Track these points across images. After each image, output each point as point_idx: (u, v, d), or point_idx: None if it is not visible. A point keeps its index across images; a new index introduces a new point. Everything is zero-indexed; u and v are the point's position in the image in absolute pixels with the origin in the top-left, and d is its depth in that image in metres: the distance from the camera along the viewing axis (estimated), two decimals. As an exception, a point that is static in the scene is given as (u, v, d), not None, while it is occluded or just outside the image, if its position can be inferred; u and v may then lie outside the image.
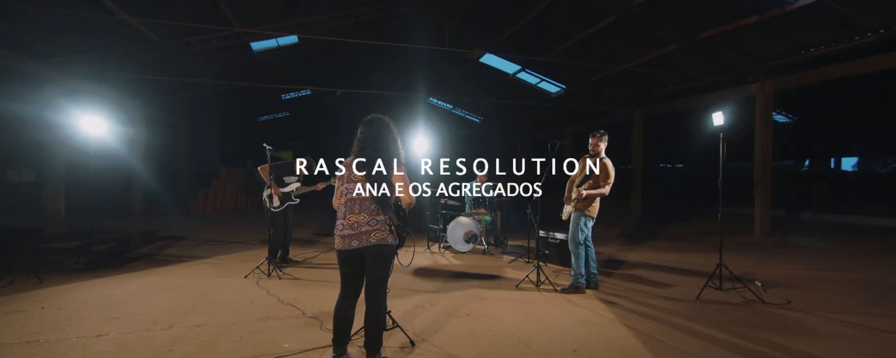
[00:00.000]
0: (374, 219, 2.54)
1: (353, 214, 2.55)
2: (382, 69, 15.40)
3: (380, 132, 2.68)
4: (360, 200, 2.56)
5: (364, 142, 2.64)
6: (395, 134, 2.73)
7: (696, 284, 4.87)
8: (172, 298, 4.19)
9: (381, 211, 2.55)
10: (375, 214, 2.55)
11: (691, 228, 10.54)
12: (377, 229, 2.51)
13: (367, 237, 2.50)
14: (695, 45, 8.28)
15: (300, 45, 12.43)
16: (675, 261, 6.28)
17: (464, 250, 6.65)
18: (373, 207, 2.54)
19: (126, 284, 4.67)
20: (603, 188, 4.46)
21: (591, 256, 4.67)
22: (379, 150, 2.62)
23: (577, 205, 4.57)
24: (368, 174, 2.56)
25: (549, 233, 6.03)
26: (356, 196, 2.57)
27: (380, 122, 2.73)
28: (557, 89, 13.53)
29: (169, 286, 4.61)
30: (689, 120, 17.04)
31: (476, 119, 20.72)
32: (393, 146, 2.68)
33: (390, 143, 2.68)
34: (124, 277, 4.94)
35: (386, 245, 2.53)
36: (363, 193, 2.56)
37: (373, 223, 2.53)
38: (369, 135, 2.66)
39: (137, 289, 4.48)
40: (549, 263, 5.95)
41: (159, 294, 4.31)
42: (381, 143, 2.64)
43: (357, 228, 2.52)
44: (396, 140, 2.72)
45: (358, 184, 2.58)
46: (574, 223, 4.57)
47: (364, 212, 2.54)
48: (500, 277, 5.24)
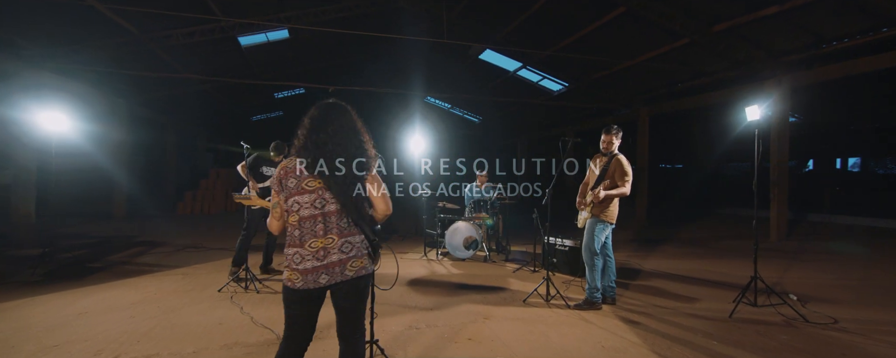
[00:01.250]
0: (348, 241, 1.88)
1: (316, 238, 1.85)
2: (378, 66, 14.87)
3: (343, 123, 1.98)
4: (325, 217, 1.87)
5: (318, 136, 1.93)
6: (361, 127, 2.06)
7: (724, 296, 4.36)
8: (128, 318, 3.64)
9: (355, 229, 1.91)
10: (349, 234, 1.89)
11: (701, 232, 10.05)
12: (353, 256, 1.87)
13: (340, 269, 1.84)
14: (708, 39, 7.79)
15: (292, 41, 11.89)
16: (695, 269, 5.77)
17: (463, 257, 6.12)
18: (344, 224, 1.89)
19: (80, 300, 4.11)
20: (622, 188, 3.95)
21: (610, 267, 4.15)
22: (344, 148, 1.94)
23: (592, 210, 4.06)
24: (333, 178, 1.89)
25: (558, 239, 5.51)
26: (319, 212, 1.87)
27: (341, 110, 2.01)
28: (559, 87, 13.03)
29: (129, 303, 4.05)
30: (693, 119, 16.64)
31: (475, 118, 20.21)
32: (362, 143, 2.01)
33: (358, 139, 2.00)
34: (81, 292, 4.38)
35: (366, 275, 1.93)
36: (330, 205, 1.88)
37: (347, 248, 1.87)
38: (328, 127, 1.94)
39: (91, 306, 3.92)
40: (558, 272, 5.42)
41: (115, 313, 3.75)
42: (346, 137, 1.95)
43: (325, 257, 1.84)
44: (365, 135, 2.05)
45: (315, 194, 1.89)
46: (589, 230, 4.05)
47: (332, 232, 1.86)
48: (505, 289, 4.71)
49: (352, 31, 8.93)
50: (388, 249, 6.81)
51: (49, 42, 8.18)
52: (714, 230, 10.42)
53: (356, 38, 12.23)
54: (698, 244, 8.18)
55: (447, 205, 6.60)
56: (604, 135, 4.13)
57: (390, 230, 9.51)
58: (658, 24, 7.76)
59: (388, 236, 8.68)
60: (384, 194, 2.02)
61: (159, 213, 12.93)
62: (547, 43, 10.01)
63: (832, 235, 9.28)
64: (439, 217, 6.56)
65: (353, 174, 1.93)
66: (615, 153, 4.10)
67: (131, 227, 9.87)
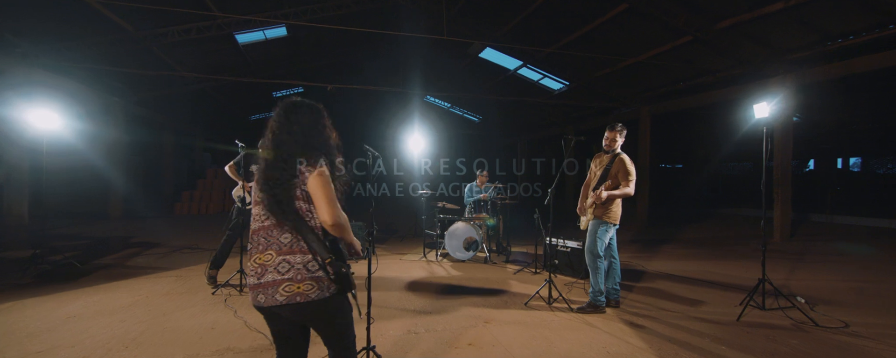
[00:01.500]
0: (285, 260, 1.63)
1: (258, 252, 1.67)
2: (377, 65, 14.76)
3: (314, 123, 1.78)
4: (266, 231, 1.68)
5: (284, 137, 1.73)
6: (331, 129, 1.85)
7: (730, 299, 4.26)
8: (118, 322, 3.52)
9: (300, 246, 1.65)
10: (289, 252, 1.64)
11: (703, 232, 9.95)
12: (288, 278, 1.61)
13: (272, 291, 1.61)
14: (711, 36, 7.68)
15: (290, 39, 11.77)
16: (699, 271, 5.66)
17: (463, 259, 6.02)
18: (285, 240, 1.65)
19: (70, 303, 4.00)
20: (625, 188, 3.85)
21: (615, 269, 4.04)
22: (305, 149, 1.73)
23: (594, 211, 3.95)
24: (272, 183, 1.67)
25: (559, 240, 5.40)
26: (261, 225, 1.70)
27: (310, 109, 1.80)
28: (560, 86, 12.91)
29: (120, 306, 3.94)
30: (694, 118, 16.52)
31: (475, 118, 20.09)
32: (327, 142, 1.81)
33: (324, 138, 1.79)
34: (71, 295, 4.26)
35: (307, 304, 1.62)
36: (264, 216, 1.69)
37: (283, 268, 1.62)
38: (292, 127, 1.73)
39: (81, 310, 3.80)
40: (560, 274, 5.31)
41: (105, 317, 3.64)
42: (315, 138, 1.76)
43: (261, 274, 1.64)
44: (332, 133, 1.84)
45: (262, 205, 1.73)
46: (591, 232, 3.94)
47: (271, 248, 1.65)
48: (506, 291, 4.60)
49: (350, 28, 8.80)
50: (386, 251, 6.70)
51: (42, 38, 8.06)
52: (715, 230, 10.32)
53: (355, 36, 12.14)
54: (701, 245, 8.08)
55: (446, 205, 6.49)
56: (607, 132, 4.02)
57: (390, 231, 9.40)
58: (661, 21, 7.66)
59: (389, 237, 8.57)
60: (328, 197, 1.63)
61: (156, 213, 12.81)
62: (548, 41, 9.90)
63: (836, 236, 9.18)
64: (439, 217, 6.45)
65: (289, 174, 1.66)
66: (618, 152, 3.99)
67: (127, 227, 9.75)
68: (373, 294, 4.43)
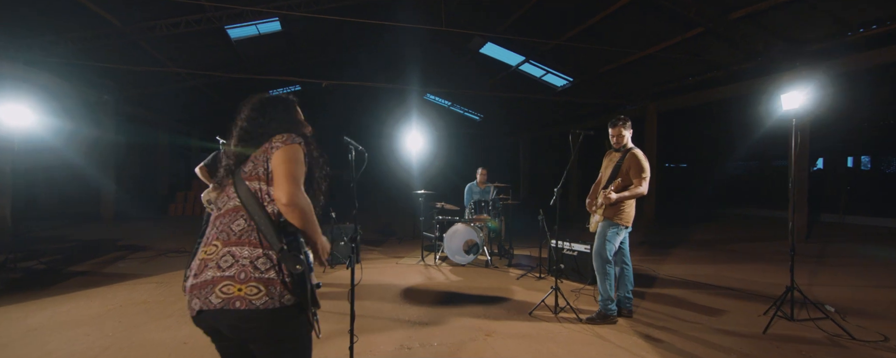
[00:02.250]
0: (230, 252, 1.33)
1: (205, 245, 1.41)
2: (375, 62, 14.42)
3: (289, 116, 1.63)
4: (218, 219, 1.42)
5: (258, 131, 1.53)
6: (305, 123, 1.68)
7: (752, 308, 3.92)
8: (83, 335, 3.20)
9: (251, 237, 1.34)
10: (237, 243, 1.34)
11: (713, 234, 9.59)
12: (228, 276, 1.29)
13: (207, 292, 1.28)
14: (724, 28, 7.33)
15: (285, 34, 11.44)
16: (715, 276, 5.31)
17: (463, 263, 5.68)
18: (237, 227, 1.36)
19: (34, 314, 3.68)
20: (637, 187, 3.51)
21: (627, 276, 3.71)
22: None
23: (604, 211, 3.61)
24: (230, 165, 1.50)
25: (565, 243, 5.06)
26: (217, 213, 1.45)
27: (284, 102, 1.65)
28: (564, 82, 12.56)
29: (89, 316, 3.62)
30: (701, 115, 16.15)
31: (476, 116, 19.74)
32: (307, 136, 1.59)
33: (303, 133, 1.59)
34: (38, 304, 3.95)
35: (248, 313, 1.27)
36: (231, 200, 1.44)
37: (225, 262, 1.31)
38: (268, 122, 1.54)
39: (44, 322, 3.48)
40: (566, 279, 4.98)
41: (69, 330, 3.31)
42: (293, 129, 1.56)
43: (200, 271, 1.33)
44: (309, 131, 1.66)
45: (224, 192, 1.52)
46: (601, 234, 3.60)
47: (219, 238, 1.37)
48: (508, 299, 4.27)
49: (344, 18, 8.46)
50: (382, 255, 6.35)
51: (23, 33, 7.75)
52: (726, 232, 9.97)
53: (351, 30, 11.81)
54: (713, 247, 7.72)
55: (446, 205, 6.15)
56: (611, 129, 3.69)
57: (388, 232, 9.07)
58: (671, 12, 7.31)
59: (386, 239, 8.23)
60: (290, 173, 1.36)
61: (149, 214, 12.51)
62: (551, 35, 9.55)
63: (852, 237, 8.82)
64: (437, 219, 6.12)
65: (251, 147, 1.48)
66: (629, 147, 3.66)
67: (116, 229, 9.45)
68: (364, 303, 4.12)
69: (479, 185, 6.62)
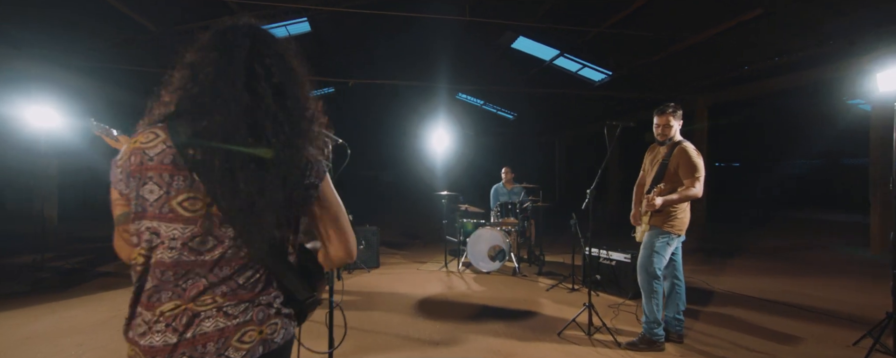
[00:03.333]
0: (249, 307, 0.94)
1: (178, 299, 0.90)
2: (403, 61, 14.21)
3: (281, 65, 1.04)
4: (203, 267, 0.92)
5: (216, 89, 0.95)
6: (305, 81, 1.09)
7: (839, 337, 3.22)
8: (75, 346, 3.03)
9: (260, 286, 0.96)
10: (244, 298, 0.94)
11: (775, 240, 8.57)
12: (245, 321, 0.92)
13: (220, 347, 0.90)
14: (786, 9, 6.44)
15: (313, 35, 11.46)
16: (784, 291, 4.55)
17: (488, 270, 5.22)
18: (242, 279, 0.94)
19: (40, 319, 3.58)
20: (689, 189, 2.93)
21: (679, 294, 3.14)
22: (280, 121, 0.97)
23: (651, 218, 3.05)
24: (238, 191, 0.90)
25: (602, 251, 4.50)
26: (195, 259, 0.91)
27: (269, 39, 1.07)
28: (602, 76, 11.77)
29: (91, 324, 3.48)
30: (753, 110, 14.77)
31: (509, 115, 19.13)
32: (309, 114, 1.06)
33: (303, 105, 1.04)
34: (50, 308, 3.87)
35: (271, 353, 0.97)
36: (220, 247, 0.92)
37: (234, 308, 0.92)
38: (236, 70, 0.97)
39: (44, 329, 3.36)
40: (601, 291, 4.42)
41: (64, 338, 3.16)
42: (285, 97, 1.01)
43: (187, 326, 0.89)
44: (312, 99, 1.09)
45: (197, 226, 0.91)
46: (647, 244, 3.05)
47: (212, 291, 0.92)
48: (536, 313, 3.77)
49: (370, 11, 8.24)
50: (404, 260, 6.00)
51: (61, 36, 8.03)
52: (791, 238, 8.89)
53: (379, 29, 11.64)
54: (779, 256, 6.81)
55: (469, 208, 5.71)
56: (657, 117, 3.13)
57: (412, 236, 8.74)
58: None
59: (410, 242, 7.90)
60: (343, 224, 1.07)
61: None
62: (587, 25, 8.87)
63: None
64: (461, 222, 5.69)
65: (277, 186, 0.94)
66: (677, 141, 3.08)
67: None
68: (374, 316, 3.64)
69: (504, 185, 6.14)
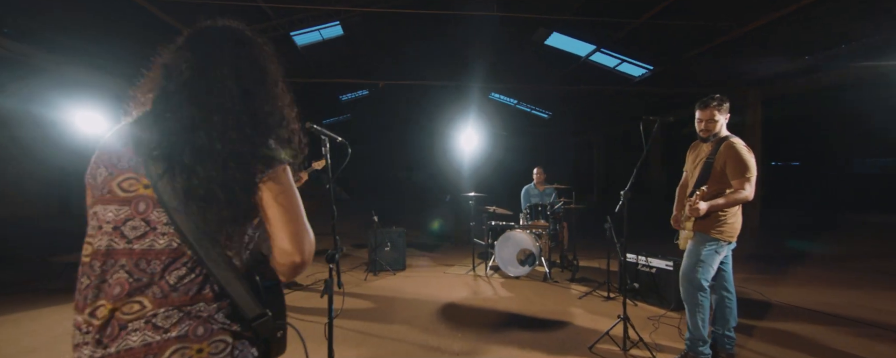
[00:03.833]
0: (176, 309, 0.84)
1: (105, 299, 0.83)
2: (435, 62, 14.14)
3: (253, 67, 1.00)
4: (136, 257, 0.85)
5: (191, 85, 0.93)
6: (280, 80, 1.06)
7: (926, 363, 2.75)
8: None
9: (195, 291, 0.85)
10: (177, 302, 0.83)
11: (839, 246, 7.73)
12: (178, 337, 0.81)
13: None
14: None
15: (346, 38, 11.60)
16: (856, 305, 4.01)
17: (517, 275, 4.98)
18: (173, 278, 0.84)
19: (62, 323, 3.69)
20: (738, 191, 2.58)
21: (729, 307, 2.79)
22: (237, 117, 0.93)
23: (695, 223, 2.72)
24: (179, 177, 0.87)
25: (640, 257, 4.15)
26: (126, 247, 0.85)
27: (242, 40, 1.02)
28: (642, 72, 11.17)
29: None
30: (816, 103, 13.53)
31: (544, 114, 18.64)
32: (280, 112, 1.04)
33: (273, 102, 1.02)
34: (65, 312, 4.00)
35: None
36: (159, 236, 0.86)
37: (167, 319, 0.82)
38: (212, 70, 0.95)
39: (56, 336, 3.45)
40: (640, 301, 4.07)
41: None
42: (251, 95, 0.97)
43: (112, 337, 0.81)
44: (285, 97, 1.07)
45: (131, 207, 0.88)
46: (692, 252, 2.72)
47: (143, 293, 0.83)
48: (566, 323, 3.50)
49: (401, 10, 8.20)
50: (432, 262, 5.85)
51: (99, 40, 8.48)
52: (861, 244, 8.00)
53: (411, 30, 11.63)
54: (846, 265, 6.10)
55: (497, 209, 5.47)
56: (699, 111, 2.78)
57: (442, 237, 8.58)
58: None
59: (440, 244, 7.73)
60: (294, 218, 0.91)
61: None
62: (625, 17, 8.40)
63: None
64: (489, 225, 5.47)
65: (231, 175, 0.88)
66: (724, 136, 2.73)
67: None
68: (393, 324, 3.43)
69: (536, 186, 5.86)
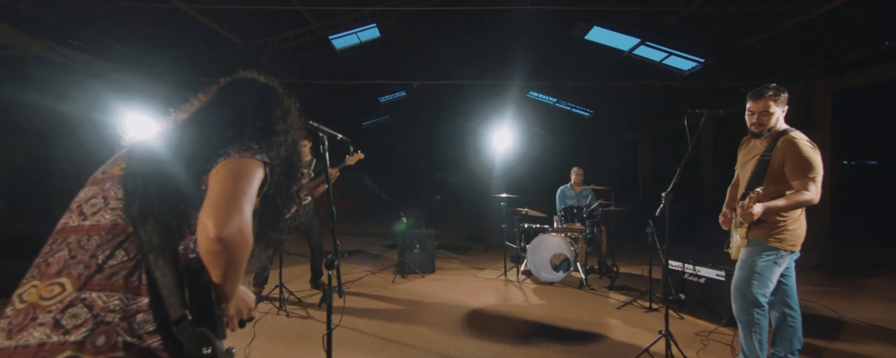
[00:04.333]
0: (83, 302, 0.76)
1: (38, 279, 0.81)
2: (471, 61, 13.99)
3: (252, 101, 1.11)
4: (80, 234, 0.84)
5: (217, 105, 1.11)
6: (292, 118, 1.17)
7: None
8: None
9: (121, 276, 0.79)
10: (97, 286, 0.78)
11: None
12: (73, 343, 0.73)
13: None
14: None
15: (383, 41, 11.71)
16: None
17: (550, 281, 4.71)
18: (106, 256, 0.80)
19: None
20: (800, 193, 2.23)
21: (792, 326, 2.44)
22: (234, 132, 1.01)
23: (749, 230, 2.39)
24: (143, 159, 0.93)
25: (687, 265, 3.79)
26: (76, 225, 0.86)
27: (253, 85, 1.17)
28: (692, 65, 10.45)
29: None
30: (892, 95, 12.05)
31: (585, 112, 17.97)
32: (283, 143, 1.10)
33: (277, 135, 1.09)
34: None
35: None
36: (106, 211, 0.86)
37: (71, 319, 0.75)
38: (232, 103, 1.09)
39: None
40: (686, 313, 3.71)
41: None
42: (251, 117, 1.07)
43: (20, 326, 0.75)
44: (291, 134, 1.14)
45: (98, 186, 0.92)
46: (746, 263, 2.39)
47: (67, 272, 0.80)
48: (601, 337, 3.23)
49: (437, 8, 8.14)
50: (462, 265, 5.71)
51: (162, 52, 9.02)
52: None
53: (448, 30, 11.58)
54: (933, 277, 5.33)
55: (530, 211, 5.22)
56: (752, 102, 2.44)
57: (476, 239, 8.40)
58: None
59: (472, 246, 7.55)
60: (232, 193, 0.84)
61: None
62: (672, 5, 7.84)
63: None
64: (521, 227, 5.24)
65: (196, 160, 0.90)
66: (781, 130, 2.38)
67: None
68: (416, 329, 3.32)
69: (573, 187, 5.55)
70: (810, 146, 2.28)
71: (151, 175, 0.87)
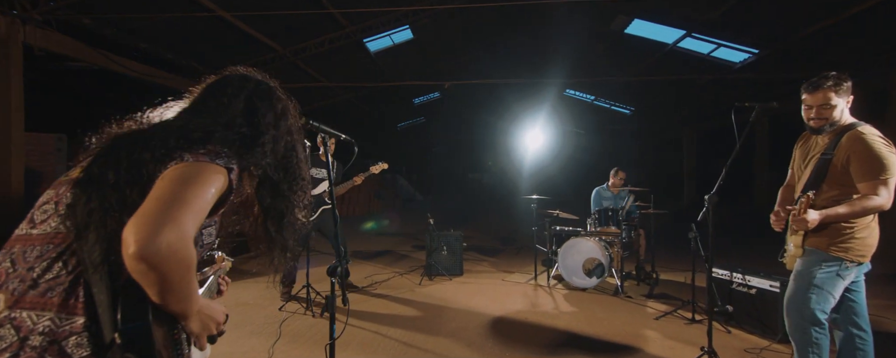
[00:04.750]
0: (11, 321, 0.70)
1: None
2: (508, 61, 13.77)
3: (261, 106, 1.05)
4: (26, 243, 0.78)
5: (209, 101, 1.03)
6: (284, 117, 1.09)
7: None
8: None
9: (57, 292, 0.72)
10: (29, 304, 0.71)
11: None
12: None
13: None
14: None
15: (416, 42, 11.75)
16: None
17: (583, 287, 4.48)
18: (43, 269, 0.74)
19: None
20: (869, 198, 1.93)
21: (864, 350, 2.13)
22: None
23: (807, 238, 2.11)
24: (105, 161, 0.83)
25: (736, 274, 3.46)
26: (21, 233, 0.80)
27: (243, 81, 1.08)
28: (745, 56, 9.72)
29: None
30: None
31: (625, 110, 17.24)
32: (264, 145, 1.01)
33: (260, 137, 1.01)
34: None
35: None
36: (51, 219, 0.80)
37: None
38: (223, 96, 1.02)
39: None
40: (734, 326, 3.38)
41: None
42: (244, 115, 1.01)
43: None
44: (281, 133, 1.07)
45: (54, 190, 0.85)
46: (801, 276, 2.11)
47: (4, 288, 0.74)
48: (637, 351, 3.00)
49: (470, 6, 8.06)
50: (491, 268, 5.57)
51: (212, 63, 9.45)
52: None
53: (481, 29, 11.46)
54: None
55: (561, 213, 4.99)
56: (808, 94, 2.14)
57: (508, 241, 8.21)
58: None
59: (504, 248, 7.36)
60: (169, 199, 0.74)
61: (310, 213, 14.33)
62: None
63: None
64: (553, 230, 5.02)
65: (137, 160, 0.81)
66: (846, 125, 2.08)
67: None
68: (437, 337, 3.21)
69: (610, 188, 5.26)
70: (884, 143, 1.97)
71: (99, 180, 0.79)
